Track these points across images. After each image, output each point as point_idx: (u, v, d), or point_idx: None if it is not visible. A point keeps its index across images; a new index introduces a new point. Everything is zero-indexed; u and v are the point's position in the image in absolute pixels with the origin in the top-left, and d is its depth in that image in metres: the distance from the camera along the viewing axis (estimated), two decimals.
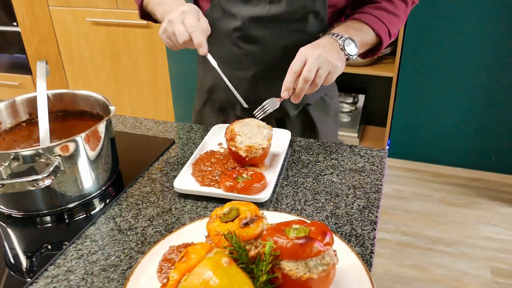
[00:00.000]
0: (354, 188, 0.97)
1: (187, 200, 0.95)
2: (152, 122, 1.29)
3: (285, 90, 0.98)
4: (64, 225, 0.91)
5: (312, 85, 0.97)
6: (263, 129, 1.03)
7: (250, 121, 1.05)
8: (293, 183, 0.99)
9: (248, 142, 0.99)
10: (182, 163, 1.08)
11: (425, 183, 2.80)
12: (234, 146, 1.00)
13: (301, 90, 0.97)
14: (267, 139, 1.01)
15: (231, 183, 0.94)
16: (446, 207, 2.61)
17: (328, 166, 1.05)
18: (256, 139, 1.00)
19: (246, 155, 0.99)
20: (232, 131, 1.02)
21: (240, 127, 1.03)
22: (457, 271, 2.20)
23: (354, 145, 1.13)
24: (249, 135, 1.01)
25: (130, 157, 1.13)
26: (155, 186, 1.00)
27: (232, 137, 1.00)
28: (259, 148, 0.99)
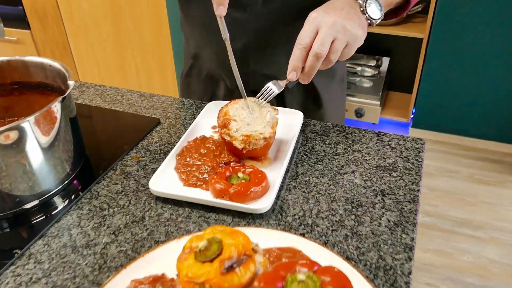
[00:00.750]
0: (382, 195, 0.74)
1: (165, 205, 0.74)
2: (136, 95, 1.07)
3: (292, 70, 0.75)
4: (11, 234, 0.71)
5: (325, 62, 0.74)
6: (266, 113, 0.80)
7: (250, 102, 0.81)
8: (303, 184, 0.77)
9: (246, 130, 0.77)
10: (166, 152, 0.86)
11: (453, 157, 2.55)
12: (228, 135, 0.77)
13: (311, 68, 0.73)
14: (270, 126, 0.78)
15: (222, 185, 0.72)
16: (475, 186, 2.37)
17: (349, 161, 0.82)
18: (257, 126, 0.78)
19: (243, 146, 0.76)
20: (226, 115, 0.79)
21: (236, 110, 0.80)
22: (485, 259, 1.99)
23: (382, 133, 0.90)
24: (247, 120, 0.78)
25: (103, 142, 0.92)
26: (128, 183, 0.79)
27: (225, 123, 0.78)
28: (260, 139, 0.76)
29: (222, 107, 0.82)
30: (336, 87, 1.10)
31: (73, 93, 1.08)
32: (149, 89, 2.75)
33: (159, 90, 2.75)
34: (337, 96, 1.11)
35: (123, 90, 1.09)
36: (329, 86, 1.07)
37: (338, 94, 1.12)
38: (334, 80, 1.08)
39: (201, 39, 1.03)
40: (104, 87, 1.11)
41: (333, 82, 1.08)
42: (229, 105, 0.82)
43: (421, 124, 2.67)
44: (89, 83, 1.13)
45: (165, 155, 0.85)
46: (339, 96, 1.13)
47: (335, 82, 1.09)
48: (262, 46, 0.96)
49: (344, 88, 1.14)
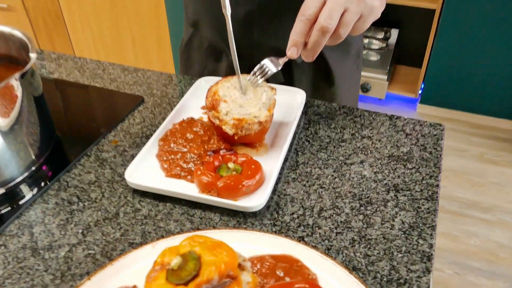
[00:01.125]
0: (395, 190, 0.64)
1: (144, 199, 0.64)
2: (119, 68, 0.95)
3: (292, 45, 0.63)
4: None
5: (333, 37, 0.62)
6: (261, 93, 0.69)
7: (244, 80, 0.70)
8: (304, 176, 0.66)
9: (238, 113, 0.66)
10: (148, 136, 0.76)
11: (462, 135, 2.44)
12: (217, 118, 0.67)
13: (316, 44, 0.62)
14: (267, 108, 0.67)
15: (209, 178, 0.62)
16: (484, 165, 2.27)
17: (357, 149, 0.71)
18: (250, 109, 0.67)
19: (235, 132, 0.66)
20: (215, 94, 0.68)
21: (227, 89, 0.69)
22: (494, 243, 1.91)
23: (396, 116, 0.79)
24: (239, 101, 0.67)
25: (77, 124, 0.81)
26: (103, 172, 0.69)
27: (214, 105, 0.67)
28: (254, 123, 0.65)
29: (211, 86, 0.71)
30: (351, 63, 0.98)
31: (48, 66, 0.97)
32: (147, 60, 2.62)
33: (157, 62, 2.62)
34: (351, 74, 1.00)
35: (104, 63, 0.98)
36: (343, 61, 0.95)
37: (353, 71, 1.00)
38: (349, 55, 0.96)
39: (200, 4, 0.91)
40: (84, 60, 0.99)
41: (347, 58, 0.96)
42: (219, 83, 0.70)
43: (429, 100, 2.54)
44: (67, 55, 1.01)
45: (147, 139, 0.75)
46: (353, 74, 1.01)
47: (350, 58, 0.97)
48: (267, 14, 0.84)
49: (359, 65, 1.02)
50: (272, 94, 0.69)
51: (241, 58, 0.93)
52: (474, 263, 1.83)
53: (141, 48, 2.60)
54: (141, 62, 2.64)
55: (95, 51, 2.71)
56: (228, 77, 0.71)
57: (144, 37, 2.58)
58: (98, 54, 2.72)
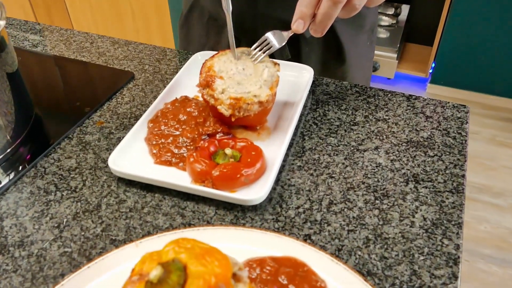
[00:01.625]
0: (415, 181, 0.56)
1: (130, 188, 0.56)
2: (108, 42, 0.87)
3: (298, 17, 0.55)
4: None
5: (346, 8, 0.54)
6: (263, 69, 0.60)
7: (242, 54, 0.62)
8: (311, 164, 0.59)
9: (235, 91, 0.58)
10: (138, 116, 0.68)
11: (473, 116, 2.35)
12: (212, 97, 0.59)
13: (326, 17, 0.54)
14: (268, 86, 0.59)
15: (203, 166, 0.54)
16: (496, 148, 2.18)
17: (371, 134, 0.63)
18: (250, 87, 0.59)
19: (231, 113, 0.58)
20: (210, 70, 0.60)
21: (224, 64, 0.61)
22: (505, 229, 1.83)
23: (414, 96, 0.70)
24: (237, 78, 0.59)
25: (59, 102, 0.73)
26: (85, 157, 0.61)
27: (208, 81, 0.59)
28: (254, 103, 0.57)
29: (206, 60, 0.63)
30: (365, 39, 0.89)
31: (32, 39, 0.88)
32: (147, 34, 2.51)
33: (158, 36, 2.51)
34: (364, 51, 0.91)
35: (93, 35, 0.89)
36: (356, 37, 0.87)
37: (366, 48, 0.91)
38: (362, 30, 0.87)
39: None
40: (71, 32, 0.91)
41: (361, 33, 0.87)
42: (215, 57, 0.62)
43: (440, 80, 2.44)
44: (53, 26, 0.93)
45: (136, 121, 0.67)
46: (367, 51, 0.92)
47: (364, 33, 0.88)
48: None
49: (373, 41, 0.93)
50: (275, 71, 0.61)
51: (244, 32, 0.85)
52: (485, 250, 1.76)
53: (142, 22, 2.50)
54: (142, 36, 2.54)
55: (94, 25, 2.61)
56: (225, 50, 0.63)
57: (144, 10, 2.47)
58: (97, 28, 2.61)
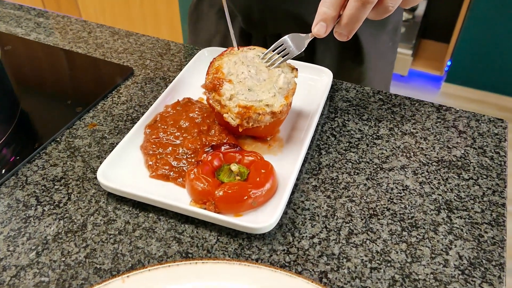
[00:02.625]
0: (448, 209, 0.49)
1: (121, 206, 0.49)
2: (108, 31, 0.80)
3: (321, 20, 0.47)
4: None
5: (378, 9, 0.46)
6: (278, 74, 0.53)
7: (255, 55, 0.55)
8: (328, 184, 0.51)
9: (245, 98, 0.50)
10: (135, 119, 0.61)
11: None
12: (218, 103, 0.51)
13: (353, 19, 0.46)
14: (283, 95, 0.52)
15: (204, 184, 0.47)
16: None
17: (396, 150, 0.56)
18: (262, 94, 0.51)
19: (239, 123, 0.50)
20: (218, 71, 0.53)
21: (235, 65, 0.53)
22: None
23: (445, 107, 0.63)
24: (249, 83, 0.52)
25: (48, 99, 0.66)
26: (73, 165, 0.54)
27: (215, 85, 0.51)
28: (265, 113, 0.50)
29: (214, 59, 0.55)
30: (386, 40, 0.81)
31: (26, 25, 0.81)
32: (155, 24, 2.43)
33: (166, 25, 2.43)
34: (385, 52, 0.83)
35: (92, 24, 0.82)
36: (377, 37, 0.79)
37: (387, 49, 0.83)
38: (384, 30, 0.79)
39: None
40: (68, 19, 0.83)
41: (383, 32, 0.79)
42: (225, 56, 0.55)
43: (455, 79, 2.35)
44: (50, 12, 0.85)
45: (132, 124, 0.60)
46: (388, 52, 0.84)
47: (386, 33, 0.80)
48: None
49: (396, 41, 0.85)
50: (292, 77, 0.53)
51: (253, 25, 0.77)
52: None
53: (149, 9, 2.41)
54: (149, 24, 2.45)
55: (102, 12, 2.52)
56: (237, 49, 0.55)
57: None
58: (105, 16, 2.53)
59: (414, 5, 0.50)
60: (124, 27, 2.51)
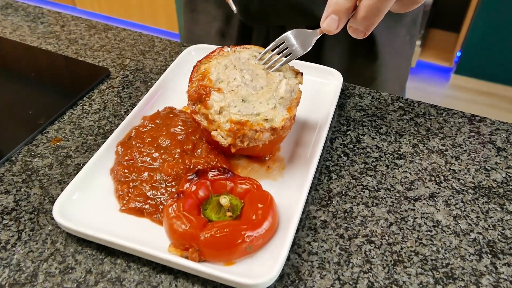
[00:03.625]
0: (492, 253, 0.39)
1: (82, 248, 0.39)
2: (84, 25, 0.69)
3: (332, 12, 0.38)
4: None
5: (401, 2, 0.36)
6: (279, 80, 0.43)
7: (250, 55, 0.44)
8: (340, 218, 0.42)
9: (238, 111, 0.40)
10: (108, 132, 0.51)
11: (501, 112, 2.16)
12: (205, 118, 0.41)
13: (372, 11, 0.37)
14: (286, 106, 0.42)
15: (186, 225, 0.37)
16: None
17: (423, 173, 0.46)
18: (259, 106, 0.41)
19: (232, 142, 0.41)
20: (205, 77, 0.42)
21: (225, 70, 0.43)
22: None
23: (478, 118, 0.52)
24: (243, 92, 0.42)
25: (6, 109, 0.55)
26: (29, 192, 0.44)
27: (200, 95, 0.41)
28: (264, 130, 0.40)
29: (199, 61, 0.45)
30: (403, 33, 0.71)
31: None
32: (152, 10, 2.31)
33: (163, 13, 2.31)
34: (402, 47, 0.73)
35: (66, 16, 0.71)
36: (394, 29, 0.68)
37: (404, 44, 0.73)
38: (402, 22, 0.69)
39: None
40: (40, 10, 0.73)
41: (400, 25, 0.69)
42: (213, 57, 0.44)
43: (465, 70, 2.24)
44: (20, 2, 0.75)
45: (104, 139, 0.50)
46: (405, 47, 0.74)
47: (403, 25, 0.70)
48: None
49: (414, 35, 0.74)
50: (296, 84, 0.43)
51: (252, 17, 0.67)
52: None
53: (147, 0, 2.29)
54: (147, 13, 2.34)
55: (97, 1, 2.41)
56: (229, 48, 0.45)
57: None
58: (100, 5, 2.42)
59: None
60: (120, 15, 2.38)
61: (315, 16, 0.63)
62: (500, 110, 2.18)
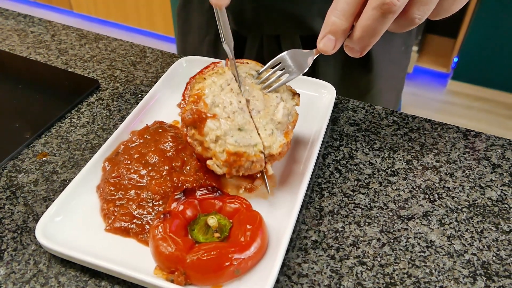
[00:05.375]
0: (486, 275, 0.38)
1: (66, 269, 0.38)
2: (74, 35, 0.68)
3: (328, 32, 0.37)
4: None
5: (401, 20, 0.35)
6: (277, 103, 0.42)
7: (247, 74, 0.43)
8: (332, 238, 0.41)
9: (235, 141, 0.39)
10: (95, 147, 0.50)
11: (498, 118, 2.15)
12: (200, 145, 0.40)
13: (369, 31, 0.36)
14: (283, 131, 0.41)
15: (172, 247, 0.36)
16: None
17: (417, 191, 0.45)
18: (256, 136, 0.40)
19: (227, 171, 0.40)
20: (200, 99, 0.41)
21: (221, 92, 0.42)
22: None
23: (473, 133, 0.52)
24: (239, 118, 0.41)
25: None
26: (13, 210, 0.43)
27: (195, 120, 0.40)
28: (259, 160, 0.39)
29: (193, 78, 0.44)
30: (399, 43, 0.70)
31: None
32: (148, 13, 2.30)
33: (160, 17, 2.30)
34: (397, 57, 0.72)
35: (57, 25, 0.70)
36: (389, 40, 0.68)
37: (400, 54, 0.72)
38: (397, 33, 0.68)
39: None
40: (31, 19, 0.72)
41: (395, 36, 0.68)
42: (207, 75, 0.43)
43: (463, 76, 2.23)
44: (10, 11, 0.74)
45: (91, 154, 0.49)
46: (400, 58, 0.73)
47: (399, 36, 0.69)
48: None
49: (410, 45, 0.74)
50: (293, 105, 0.42)
51: (246, 27, 0.66)
52: None
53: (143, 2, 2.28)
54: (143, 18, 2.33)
55: (93, 5, 2.39)
56: (222, 66, 0.44)
57: None
58: (97, 10, 2.40)
59: (446, 16, 0.39)
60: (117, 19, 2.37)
61: (309, 26, 0.62)
62: (497, 116, 2.18)
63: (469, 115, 2.19)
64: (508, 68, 2.14)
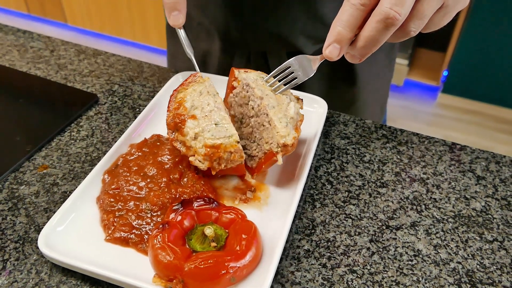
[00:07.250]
0: (470, 283, 0.40)
1: (67, 278, 0.40)
2: (73, 50, 0.70)
3: (334, 41, 0.40)
4: None
5: (399, 32, 0.39)
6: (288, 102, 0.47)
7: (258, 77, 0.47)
8: (323, 247, 0.42)
9: (212, 136, 0.42)
10: (94, 160, 0.51)
11: (486, 131, 2.19)
12: (183, 145, 0.43)
13: (371, 42, 0.39)
14: (294, 126, 0.45)
15: (170, 256, 0.37)
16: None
17: (405, 202, 0.47)
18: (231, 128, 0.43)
19: (209, 165, 0.42)
20: (181, 105, 0.44)
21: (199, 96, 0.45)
22: None
23: (459, 146, 0.54)
24: (216, 115, 0.44)
25: None
26: (15, 221, 0.44)
27: (176, 123, 0.43)
28: (238, 150, 0.42)
29: (176, 90, 0.46)
30: (382, 57, 0.73)
31: None
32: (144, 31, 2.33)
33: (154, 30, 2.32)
34: (381, 71, 0.74)
35: (56, 41, 0.72)
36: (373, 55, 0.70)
37: (384, 68, 0.75)
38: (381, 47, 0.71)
39: None
40: (30, 35, 0.74)
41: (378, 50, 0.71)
42: (189, 85, 0.46)
43: (452, 89, 2.27)
44: (9, 27, 0.76)
45: (91, 167, 0.50)
46: (384, 71, 0.75)
47: (381, 50, 0.71)
48: None
49: (392, 59, 0.77)
50: (299, 107, 0.46)
51: (232, 45, 0.68)
52: None
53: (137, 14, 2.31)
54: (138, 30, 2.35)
55: (89, 18, 2.42)
56: (200, 75, 0.47)
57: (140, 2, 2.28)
58: (92, 22, 2.43)
59: (435, 30, 0.42)
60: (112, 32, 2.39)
61: (293, 44, 0.64)
62: (486, 129, 2.22)
63: (459, 128, 2.22)
64: (497, 81, 2.18)
